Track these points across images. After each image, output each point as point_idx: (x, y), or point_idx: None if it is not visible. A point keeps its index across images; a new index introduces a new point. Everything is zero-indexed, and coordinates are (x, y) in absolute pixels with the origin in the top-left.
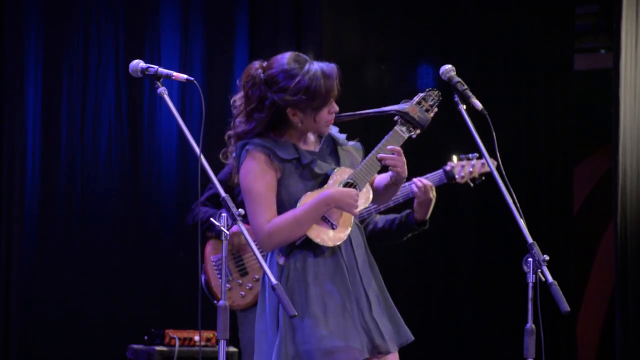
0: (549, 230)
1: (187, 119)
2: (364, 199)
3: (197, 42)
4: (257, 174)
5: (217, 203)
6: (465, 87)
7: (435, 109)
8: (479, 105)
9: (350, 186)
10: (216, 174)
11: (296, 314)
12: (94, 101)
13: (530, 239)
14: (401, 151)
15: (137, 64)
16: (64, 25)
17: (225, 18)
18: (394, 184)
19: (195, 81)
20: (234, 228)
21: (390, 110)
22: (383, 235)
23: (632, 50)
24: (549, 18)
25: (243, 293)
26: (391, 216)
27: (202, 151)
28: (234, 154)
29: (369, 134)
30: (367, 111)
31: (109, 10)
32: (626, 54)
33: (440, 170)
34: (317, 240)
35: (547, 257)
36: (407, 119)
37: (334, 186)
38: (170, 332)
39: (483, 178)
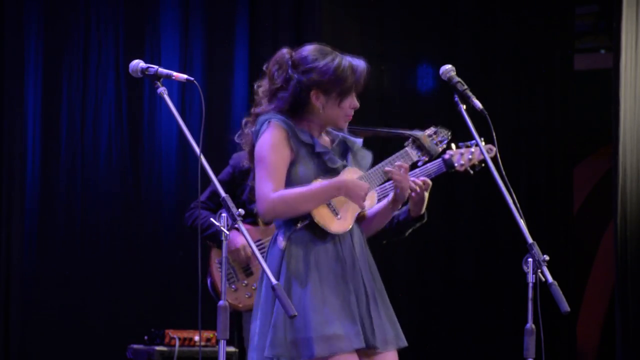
0: (549, 230)
1: (187, 119)
2: (369, 200)
3: (197, 42)
4: (275, 146)
5: (218, 202)
6: (465, 87)
7: (444, 146)
8: (479, 105)
9: None
10: (216, 174)
11: (296, 314)
12: (94, 101)
13: (530, 239)
14: (407, 169)
15: (137, 64)
16: (64, 25)
17: (225, 18)
18: (390, 207)
19: (195, 81)
20: (235, 244)
21: (404, 133)
22: (385, 234)
23: (632, 50)
24: (549, 18)
25: (249, 293)
26: None
27: (202, 151)
28: (252, 129)
29: (382, 151)
30: (381, 129)
31: (109, 10)
32: (626, 54)
33: (439, 160)
34: (321, 223)
35: (547, 257)
36: (419, 145)
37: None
38: (170, 332)
39: (483, 165)
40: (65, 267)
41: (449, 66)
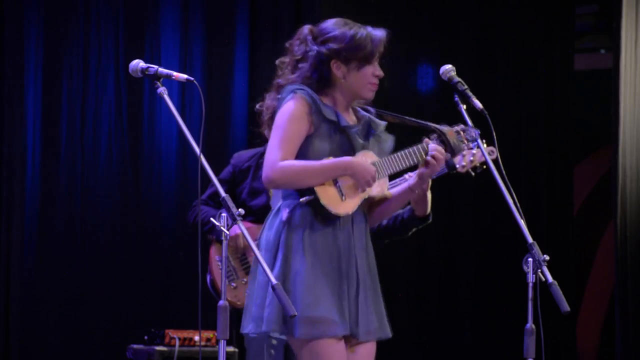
0: (549, 230)
1: (187, 119)
2: (379, 187)
3: (197, 42)
4: (295, 117)
5: (219, 202)
6: (465, 87)
7: (471, 145)
8: (479, 105)
9: None
10: (216, 174)
11: (296, 314)
12: (94, 101)
13: (530, 239)
14: (443, 152)
15: (137, 64)
16: (64, 25)
17: (225, 18)
18: (409, 190)
19: (195, 81)
20: (235, 230)
21: (431, 126)
22: (387, 232)
23: (632, 50)
24: (549, 18)
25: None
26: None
27: (202, 151)
28: (277, 97)
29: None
30: (410, 118)
31: (109, 10)
32: (626, 54)
33: None
34: (324, 202)
35: (547, 257)
36: (443, 140)
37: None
38: (170, 332)
39: (484, 167)
40: (65, 268)
41: (449, 66)
